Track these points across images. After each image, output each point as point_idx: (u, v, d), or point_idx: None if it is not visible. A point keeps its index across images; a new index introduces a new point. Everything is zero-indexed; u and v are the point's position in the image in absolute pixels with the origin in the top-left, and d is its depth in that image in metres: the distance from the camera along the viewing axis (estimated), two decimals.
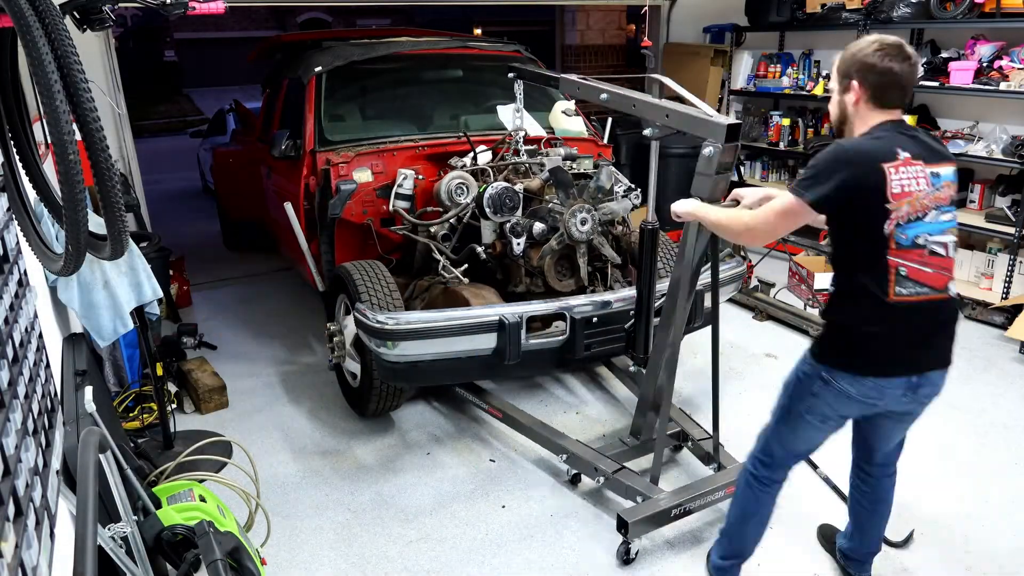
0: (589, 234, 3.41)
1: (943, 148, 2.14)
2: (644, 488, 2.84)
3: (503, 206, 3.43)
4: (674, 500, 2.76)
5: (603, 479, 2.99)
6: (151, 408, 3.66)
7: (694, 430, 3.27)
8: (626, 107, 2.93)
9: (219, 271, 6.29)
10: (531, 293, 3.54)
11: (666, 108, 2.68)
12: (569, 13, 7.73)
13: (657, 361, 2.95)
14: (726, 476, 2.91)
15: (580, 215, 3.37)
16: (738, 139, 2.46)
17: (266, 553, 2.75)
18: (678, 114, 2.62)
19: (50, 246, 1.81)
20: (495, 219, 3.44)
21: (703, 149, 2.47)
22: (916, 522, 2.96)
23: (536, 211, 3.54)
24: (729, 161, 2.49)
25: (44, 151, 2.31)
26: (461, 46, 4.76)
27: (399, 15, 10.66)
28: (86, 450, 1.66)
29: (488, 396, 3.60)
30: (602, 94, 3.03)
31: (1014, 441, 3.52)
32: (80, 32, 1.65)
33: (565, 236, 3.38)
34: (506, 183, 3.49)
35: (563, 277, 3.53)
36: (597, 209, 3.46)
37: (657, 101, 2.76)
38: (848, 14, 5.63)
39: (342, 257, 3.94)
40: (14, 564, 1.17)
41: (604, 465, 2.98)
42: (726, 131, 2.41)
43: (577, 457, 3.09)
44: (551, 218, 3.46)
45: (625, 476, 2.93)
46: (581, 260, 3.49)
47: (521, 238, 3.41)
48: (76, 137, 1.37)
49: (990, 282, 5.11)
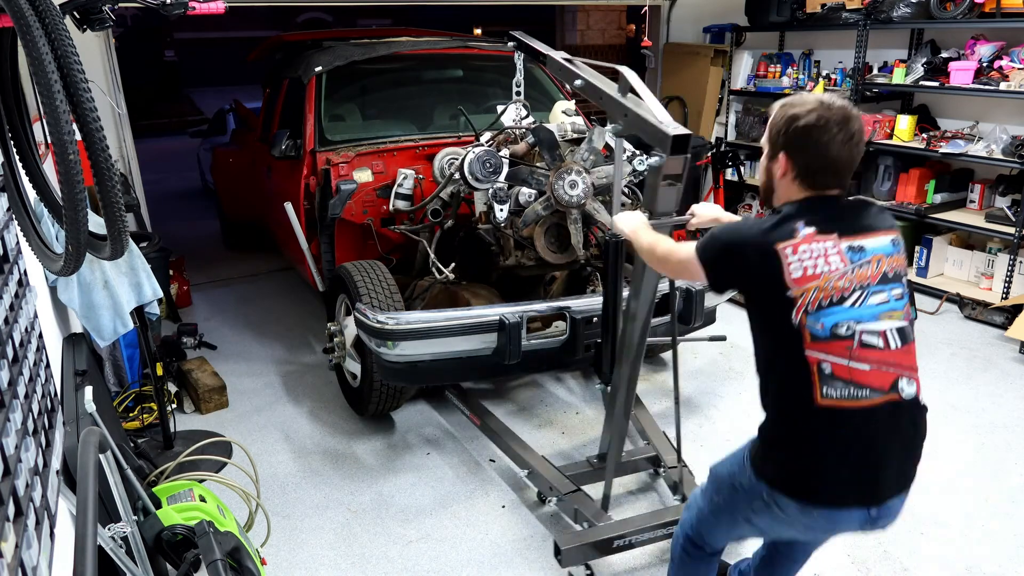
0: (580, 198, 3.16)
1: (879, 218, 1.78)
2: (592, 514, 2.72)
3: (483, 171, 3.24)
4: (617, 531, 2.60)
5: (555, 499, 2.91)
6: (151, 408, 3.66)
7: (668, 455, 3.10)
8: (595, 98, 2.73)
9: (219, 271, 6.29)
10: (522, 266, 3.40)
11: (626, 107, 2.49)
12: (569, 13, 7.73)
13: (617, 383, 2.74)
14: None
15: (569, 177, 3.15)
16: (687, 151, 2.26)
17: (266, 553, 2.75)
18: (635, 116, 2.43)
19: (50, 246, 1.81)
20: (478, 186, 3.27)
21: (650, 158, 2.30)
22: (916, 522, 2.96)
23: (517, 173, 3.30)
24: (677, 173, 2.31)
25: (44, 151, 2.31)
26: (461, 46, 4.76)
27: (399, 15, 10.66)
28: (86, 450, 1.66)
29: (470, 401, 3.54)
30: (577, 80, 2.83)
31: (1014, 441, 3.52)
32: (80, 32, 1.65)
33: (552, 200, 3.17)
34: (488, 148, 3.33)
35: (555, 248, 3.32)
36: (590, 172, 3.23)
37: (620, 98, 2.55)
38: (848, 14, 5.63)
39: (342, 257, 3.94)
40: (14, 564, 1.17)
41: (560, 485, 2.88)
42: (671, 142, 2.23)
43: (538, 475, 3.00)
44: (535, 181, 3.26)
45: (576, 499, 2.80)
46: (573, 227, 3.24)
47: (505, 204, 3.20)
48: (76, 137, 1.37)
49: (990, 282, 5.12)
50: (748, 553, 2.53)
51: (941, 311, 5.03)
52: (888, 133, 5.55)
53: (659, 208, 2.38)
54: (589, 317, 3.23)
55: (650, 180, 2.36)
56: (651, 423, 3.36)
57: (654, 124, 2.32)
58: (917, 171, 5.42)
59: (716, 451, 3.27)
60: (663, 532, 2.64)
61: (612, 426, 2.78)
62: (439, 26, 6.55)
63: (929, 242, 5.40)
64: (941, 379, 4.12)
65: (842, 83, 5.94)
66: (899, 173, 5.55)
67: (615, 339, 2.83)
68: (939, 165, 5.48)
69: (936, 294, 5.18)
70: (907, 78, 5.32)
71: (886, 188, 5.62)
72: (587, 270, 3.81)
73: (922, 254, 5.44)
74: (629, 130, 2.50)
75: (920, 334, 4.65)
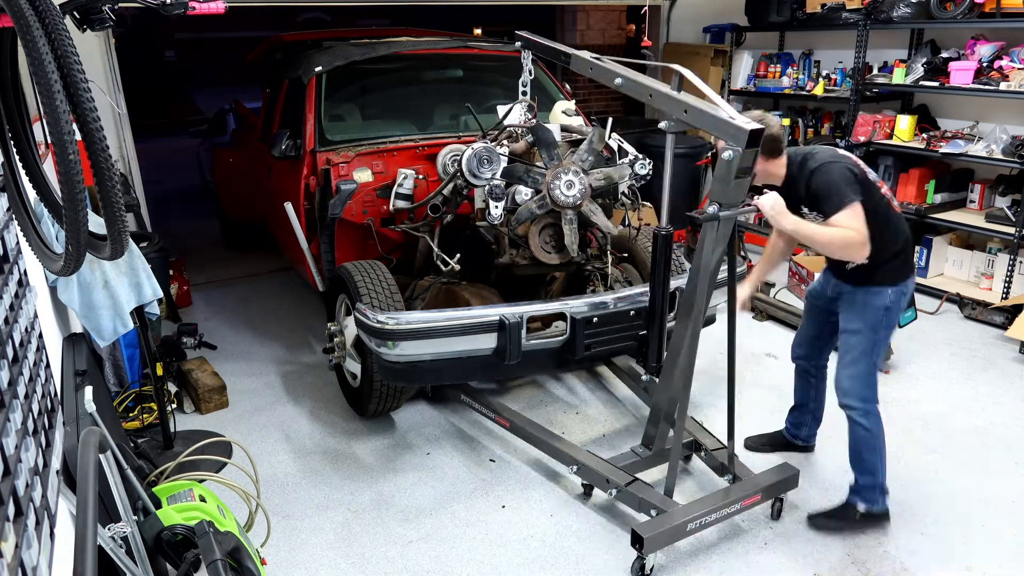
0: (576, 199, 3.17)
1: None
2: (659, 501, 2.76)
3: (480, 167, 3.25)
4: (690, 513, 2.68)
5: (615, 491, 2.91)
6: (151, 408, 3.66)
7: (706, 439, 3.20)
8: (642, 95, 2.77)
9: (219, 271, 6.28)
10: (516, 265, 3.39)
11: (686, 103, 2.52)
12: (569, 13, 7.73)
13: (671, 370, 2.84)
14: (742, 488, 2.85)
15: (565, 177, 3.15)
16: (759, 144, 2.37)
17: (266, 553, 2.75)
18: (698, 112, 2.48)
19: (50, 246, 1.81)
20: (475, 182, 3.28)
21: (722, 153, 2.37)
22: (916, 522, 2.96)
23: (513, 170, 3.26)
24: (748, 166, 2.41)
25: (44, 151, 2.30)
26: (461, 46, 4.76)
27: (399, 15, 10.67)
28: (86, 450, 1.66)
29: (496, 406, 3.52)
30: (617, 79, 2.84)
31: (1014, 441, 3.52)
32: (80, 32, 1.65)
33: (548, 200, 3.17)
34: (487, 144, 3.33)
35: (550, 248, 3.31)
36: (588, 173, 3.23)
37: (676, 94, 2.60)
38: (848, 14, 5.63)
39: (342, 257, 3.94)
40: (14, 564, 1.17)
41: (616, 477, 2.90)
42: (748, 136, 2.30)
43: (588, 469, 3.00)
44: (531, 180, 3.24)
45: (638, 488, 2.84)
46: (568, 228, 3.24)
47: (500, 202, 3.18)
48: (76, 137, 1.37)
49: (990, 282, 5.12)
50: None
51: (941, 311, 5.03)
52: (888, 133, 5.55)
53: (730, 200, 2.46)
54: (589, 317, 3.24)
55: (721, 173, 2.42)
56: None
57: (727, 120, 2.38)
58: (917, 171, 5.42)
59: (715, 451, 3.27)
60: (727, 511, 2.77)
61: (678, 413, 2.82)
62: (439, 26, 6.55)
63: (929, 242, 5.40)
64: (941, 379, 4.12)
65: (842, 83, 5.94)
66: (899, 173, 5.54)
67: (662, 329, 2.93)
68: (939, 165, 5.48)
69: (936, 294, 5.18)
70: (907, 78, 5.32)
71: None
72: (587, 270, 3.81)
73: (922, 254, 5.44)
74: (689, 126, 2.58)
75: (920, 334, 4.66)
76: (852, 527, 2.90)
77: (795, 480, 2.94)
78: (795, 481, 2.94)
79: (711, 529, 2.90)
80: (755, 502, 2.86)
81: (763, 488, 2.85)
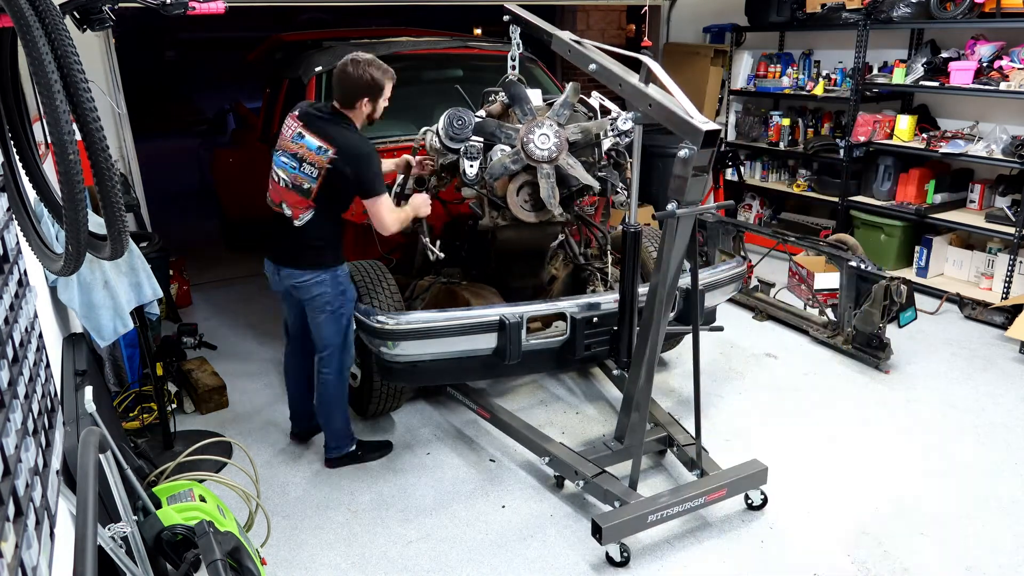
0: (553, 152, 3.08)
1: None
2: (622, 493, 2.82)
3: (454, 131, 3.21)
4: (651, 506, 2.74)
5: (583, 483, 2.97)
6: (151, 408, 3.66)
7: (680, 435, 3.24)
8: (612, 84, 2.74)
9: (219, 271, 6.28)
10: (499, 228, 3.35)
11: (651, 97, 2.54)
12: (569, 13, 7.73)
13: (638, 364, 2.89)
14: (708, 482, 2.90)
15: (539, 131, 3.06)
16: (715, 145, 2.39)
17: (266, 553, 2.75)
18: (661, 107, 2.49)
19: (50, 246, 1.81)
20: (452, 145, 3.23)
21: (679, 151, 2.40)
22: (916, 522, 2.96)
23: (483, 126, 3.21)
24: (704, 164, 2.42)
25: (44, 151, 2.30)
26: (461, 46, 4.76)
27: (399, 15, 10.67)
28: (86, 450, 1.66)
29: (477, 396, 3.58)
30: (591, 64, 2.83)
31: (1014, 441, 3.52)
32: (80, 32, 1.65)
33: (522, 155, 3.09)
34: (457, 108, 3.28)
35: (529, 207, 3.24)
36: (563, 127, 3.16)
37: (643, 87, 2.59)
38: (848, 14, 5.63)
39: None
40: (14, 564, 1.17)
41: (585, 469, 2.96)
42: (703, 137, 2.31)
43: (559, 460, 3.08)
44: (504, 135, 3.18)
45: (604, 480, 2.90)
46: (544, 182, 3.12)
47: (475, 161, 3.16)
48: (76, 137, 1.37)
49: (990, 282, 5.12)
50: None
51: (941, 311, 5.03)
52: (888, 133, 5.55)
53: (688, 198, 2.47)
54: (589, 317, 3.24)
55: (679, 171, 2.43)
56: (658, 407, 3.46)
57: (684, 118, 2.37)
58: (917, 171, 5.42)
59: (716, 451, 3.28)
60: (691, 505, 2.81)
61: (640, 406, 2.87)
62: (439, 26, 6.54)
63: (929, 242, 5.40)
64: (941, 379, 4.12)
65: (842, 83, 5.94)
66: (899, 173, 5.55)
67: (632, 325, 2.93)
68: (939, 165, 5.48)
69: (936, 294, 5.18)
70: (907, 78, 5.32)
71: (886, 188, 5.61)
72: (587, 271, 3.81)
73: (922, 254, 5.44)
74: (652, 120, 2.56)
75: (920, 334, 4.66)
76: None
77: (763, 476, 2.97)
78: (763, 477, 2.97)
79: (708, 528, 2.90)
80: (720, 497, 2.89)
81: (729, 483, 2.89)
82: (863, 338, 4.28)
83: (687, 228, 2.59)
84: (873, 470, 3.32)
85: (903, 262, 5.62)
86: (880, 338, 4.17)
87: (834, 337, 4.50)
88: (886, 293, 4.09)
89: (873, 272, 4.25)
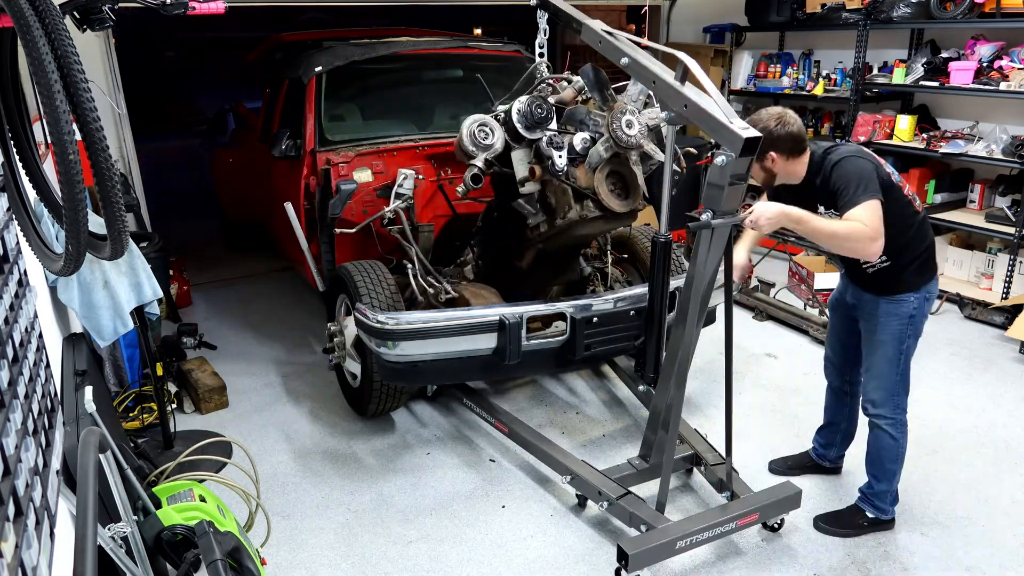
0: (639, 138, 2.94)
1: None
2: (649, 517, 2.66)
3: (534, 118, 3.01)
4: (681, 531, 2.57)
5: (607, 504, 2.84)
6: (151, 408, 3.66)
7: (707, 453, 3.09)
8: (645, 81, 2.60)
9: (219, 271, 6.28)
10: (584, 220, 3.11)
11: (687, 98, 2.38)
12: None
13: (667, 379, 2.75)
14: (739, 506, 2.74)
15: (625, 117, 2.90)
16: (755, 152, 2.26)
17: (266, 553, 2.75)
18: (698, 109, 2.34)
19: (50, 246, 1.81)
20: (529, 135, 3.03)
21: (715, 157, 2.26)
22: (916, 522, 2.96)
23: (574, 114, 3.06)
24: (742, 173, 2.28)
25: (44, 151, 2.30)
26: (461, 46, 4.76)
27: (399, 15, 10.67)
28: (86, 450, 1.66)
29: (494, 410, 3.49)
30: (624, 58, 2.68)
31: (1014, 441, 3.52)
32: (80, 32, 1.65)
33: (612, 142, 2.92)
34: (534, 95, 3.12)
35: (618, 194, 3.07)
36: (641, 112, 3.03)
37: (679, 86, 2.44)
38: (848, 14, 5.63)
39: (342, 257, 3.94)
40: (14, 564, 1.17)
41: (609, 489, 2.82)
42: (743, 143, 2.19)
43: (582, 479, 2.94)
44: (592, 122, 3.03)
45: (630, 502, 2.75)
46: (636, 168, 3.03)
47: (563, 151, 2.98)
48: (76, 137, 1.37)
49: (990, 282, 5.12)
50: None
51: (941, 311, 5.03)
52: (888, 133, 5.55)
53: (724, 206, 2.33)
54: (589, 317, 3.24)
55: (714, 178, 2.31)
56: (684, 423, 3.29)
57: (723, 122, 2.25)
58: (917, 171, 5.42)
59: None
60: (722, 530, 2.65)
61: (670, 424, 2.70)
62: (439, 26, 6.54)
63: None
64: (941, 379, 4.12)
65: (842, 83, 5.94)
66: (899, 173, 5.54)
67: (660, 339, 2.77)
68: (939, 165, 5.48)
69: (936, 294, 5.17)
70: (907, 78, 5.32)
71: None
72: (587, 271, 3.81)
73: None
74: (688, 122, 2.44)
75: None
76: (857, 533, 2.88)
77: (797, 500, 2.82)
78: (797, 501, 2.82)
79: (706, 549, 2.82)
80: (752, 521, 2.75)
81: (761, 507, 2.75)
82: None
83: (722, 239, 2.44)
84: None
85: None
86: None
87: None
88: None
89: None
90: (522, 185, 3.12)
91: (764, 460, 3.35)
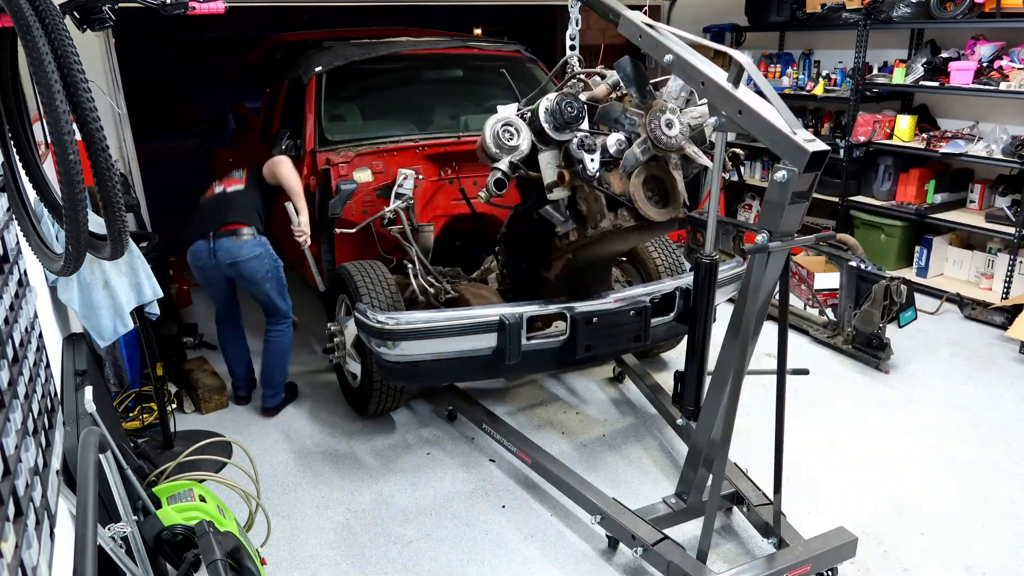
0: (680, 140, 2.62)
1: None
2: (691, 568, 2.41)
3: (564, 117, 2.72)
4: None
5: (642, 550, 2.56)
6: (151, 408, 3.66)
7: (750, 492, 2.81)
8: (692, 81, 2.32)
9: None
10: (618, 231, 2.83)
11: (742, 103, 2.10)
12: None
13: (710, 415, 2.47)
14: (790, 556, 2.46)
15: (665, 116, 2.58)
16: (821, 168, 1.99)
17: (266, 553, 2.75)
18: (756, 117, 2.07)
19: (50, 246, 1.81)
20: (557, 136, 2.76)
21: (775, 172, 2.01)
22: (916, 522, 2.96)
23: (608, 112, 2.76)
24: (805, 190, 2.03)
25: (44, 151, 2.30)
26: (461, 46, 4.76)
27: (399, 15, 10.68)
28: (86, 450, 1.66)
29: (516, 439, 3.28)
30: (667, 55, 2.38)
31: (1014, 441, 3.52)
32: (80, 32, 1.65)
33: (650, 144, 2.61)
34: (564, 92, 2.84)
35: (656, 202, 2.76)
36: (682, 111, 2.71)
37: (732, 90, 2.15)
38: (848, 14, 5.63)
39: (342, 257, 3.94)
40: (14, 564, 1.17)
41: (643, 533, 2.57)
42: (809, 158, 1.93)
43: (613, 521, 2.68)
44: (627, 121, 2.71)
45: (667, 550, 2.49)
46: (676, 173, 2.72)
47: (595, 153, 2.67)
48: (76, 137, 1.37)
49: (990, 282, 5.12)
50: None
51: (941, 311, 5.03)
52: (888, 133, 5.55)
53: (783, 227, 2.08)
54: (589, 317, 3.23)
55: (773, 196, 2.05)
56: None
57: (786, 133, 1.98)
58: (917, 171, 5.42)
59: None
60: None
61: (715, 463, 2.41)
62: (439, 26, 6.54)
63: (929, 242, 5.40)
64: (941, 379, 4.12)
65: (842, 83, 5.94)
66: (899, 173, 5.55)
67: (703, 370, 2.51)
68: (939, 165, 5.48)
69: (936, 294, 5.18)
70: (907, 78, 5.32)
71: (886, 188, 5.61)
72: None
73: (922, 254, 5.44)
74: (741, 129, 2.16)
75: (920, 334, 4.66)
76: None
77: (852, 548, 2.55)
78: (852, 549, 2.55)
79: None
80: (803, 574, 2.45)
81: (814, 556, 2.45)
82: (863, 338, 4.28)
83: (779, 263, 2.19)
84: (873, 470, 3.32)
85: (903, 262, 5.62)
86: (880, 338, 4.17)
87: (834, 337, 4.50)
88: (886, 293, 4.09)
89: (873, 272, 4.26)
90: (550, 191, 2.85)
91: (764, 460, 3.34)
